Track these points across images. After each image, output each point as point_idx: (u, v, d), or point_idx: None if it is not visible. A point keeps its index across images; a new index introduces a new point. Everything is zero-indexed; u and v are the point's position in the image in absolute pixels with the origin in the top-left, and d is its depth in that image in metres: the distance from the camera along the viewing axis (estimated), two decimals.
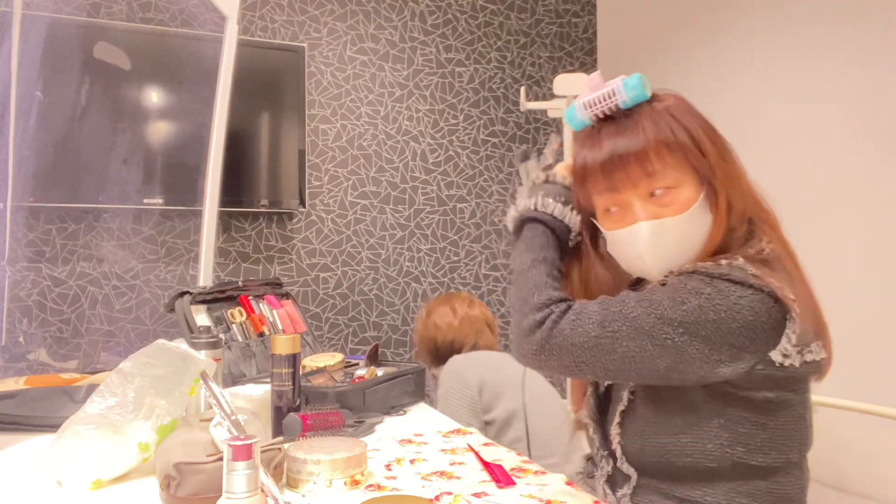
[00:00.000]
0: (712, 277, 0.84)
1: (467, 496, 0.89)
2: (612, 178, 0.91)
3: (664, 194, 0.90)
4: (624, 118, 0.92)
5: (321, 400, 1.24)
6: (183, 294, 1.51)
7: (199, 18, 2.72)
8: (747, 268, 0.84)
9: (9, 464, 1.03)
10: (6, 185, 1.96)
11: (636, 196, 0.90)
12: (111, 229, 2.58)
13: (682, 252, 0.91)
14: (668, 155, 0.89)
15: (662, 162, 0.89)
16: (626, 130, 0.91)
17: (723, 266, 0.85)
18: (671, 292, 0.84)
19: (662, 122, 0.90)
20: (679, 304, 0.82)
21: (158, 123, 2.58)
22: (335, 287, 2.95)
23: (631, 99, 0.91)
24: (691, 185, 0.90)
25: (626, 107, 0.92)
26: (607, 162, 0.91)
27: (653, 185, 0.89)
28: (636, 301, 0.85)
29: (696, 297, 0.82)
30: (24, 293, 2.46)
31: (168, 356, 1.03)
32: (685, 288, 0.84)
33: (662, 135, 0.90)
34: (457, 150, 3.20)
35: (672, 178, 0.89)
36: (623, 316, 0.84)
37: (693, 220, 0.90)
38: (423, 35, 3.15)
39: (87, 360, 2.52)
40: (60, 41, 2.35)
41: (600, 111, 0.93)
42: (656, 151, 0.89)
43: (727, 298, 0.82)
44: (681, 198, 0.90)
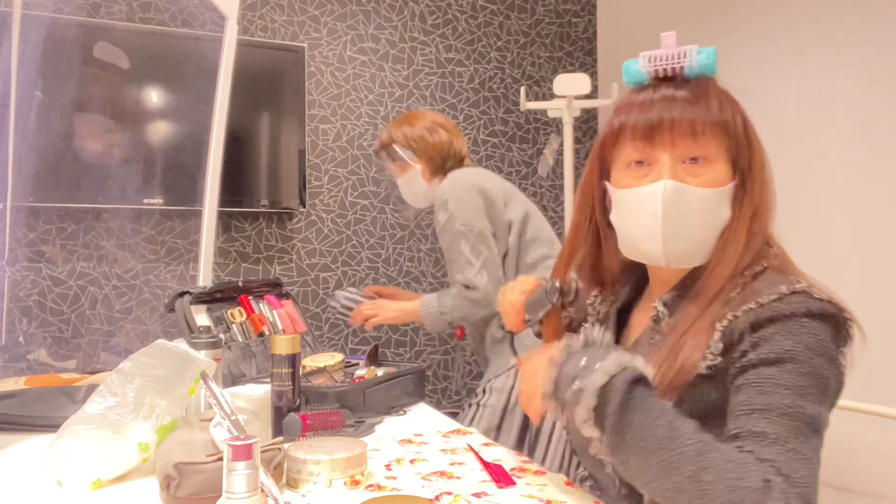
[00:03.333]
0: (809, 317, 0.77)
1: (467, 496, 0.89)
2: (652, 136, 0.86)
3: (700, 165, 0.86)
4: (685, 85, 0.87)
5: (321, 400, 1.24)
6: (183, 294, 1.51)
7: (199, 18, 2.72)
8: (813, 291, 0.79)
9: (9, 464, 1.03)
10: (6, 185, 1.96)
11: (669, 156, 0.85)
12: (111, 229, 2.58)
13: (695, 231, 0.86)
14: (722, 136, 0.86)
15: (714, 138, 0.85)
16: (688, 97, 0.86)
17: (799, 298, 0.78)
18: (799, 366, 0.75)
19: (727, 103, 0.87)
20: (816, 377, 0.75)
21: (158, 123, 2.58)
22: (335, 287, 2.95)
23: (699, 66, 0.87)
24: (725, 169, 0.87)
25: (690, 73, 0.88)
26: (656, 123, 0.86)
27: (693, 150, 0.85)
28: (791, 398, 0.74)
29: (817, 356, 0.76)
30: (23, 293, 2.46)
31: (168, 356, 1.03)
32: (807, 350, 0.76)
33: (724, 115, 0.86)
34: None
35: (713, 156, 0.86)
36: (807, 423, 0.73)
37: (716, 202, 0.86)
38: (423, 35, 3.15)
39: (87, 360, 2.52)
40: (60, 41, 2.35)
41: (663, 68, 0.88)
42: (712, 127, 0.85)
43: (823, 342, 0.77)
44: (713, 175, 0.86)
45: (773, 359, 0.76)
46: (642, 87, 0.90)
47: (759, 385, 0.76)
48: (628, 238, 0.92)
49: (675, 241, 0.86)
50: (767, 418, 0.73)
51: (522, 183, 3.32)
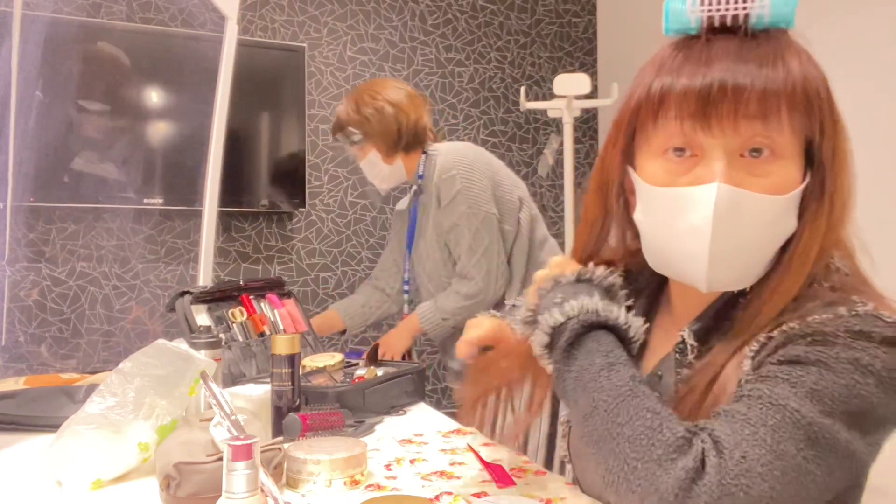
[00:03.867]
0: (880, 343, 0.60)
1: (467, 496, 0.89)
2: (708, 108, 0.62)
3: (765, 160, 0.64)
4: (752, 39, 0.64)
5: (321, 400, 1.24)
6: (183, 294, 1.51)
7: (199, 18, 2.72)
8: (883, 315, 0.61)
9: (9, 464, 1.03)
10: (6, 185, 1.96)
11: (725, 146, 0.63)
12: (111, 229, 2.58)
13: (751, 251, 0.66)
14: (800, 113, 0.63)
15: (789, 117, 0.63)
16: (759, 56, 0.62)
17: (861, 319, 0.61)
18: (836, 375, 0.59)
19: (813, 68, 0.64)
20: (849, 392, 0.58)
21: (158, 123, 2.58)
22: (335, 287, 2.95)
23: (772, 14, 0.63)
24: (797, 165, 0.65)
25: (759, 23, 0.64)
26: (716, 87, 0.62)
27: (757, 139, 0.63)
28: (790, 392, 0.59)
29: (864, 375, 0.59)
30: (23, 293, 2.46)
31: (168, 356, 1.03)
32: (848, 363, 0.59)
33: (808, 84, 0.63)
34: None
35: (785, 145, 0.64)
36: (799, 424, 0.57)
37: (782, 212, 0.65)
38: (423, 35, 3.15)
39: (87, 360, 2.52)
40: (61, 41, 2.35)
41: (720, 13, 0.64)
42: (791, 100, 0.62)
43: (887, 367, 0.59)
44: (781, 174, 0.64)
45: (797, 359, 0.61)
46: (689, 37, 0.67)
47: (763, 378, 0.61)
48: (660, 251, 0.71)
49: (724, 264, 0.65)
50: (748, 404, 0.60)
51: None
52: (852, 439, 0.58)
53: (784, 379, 0.60)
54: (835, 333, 0.60)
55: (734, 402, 0.62)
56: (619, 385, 0.63)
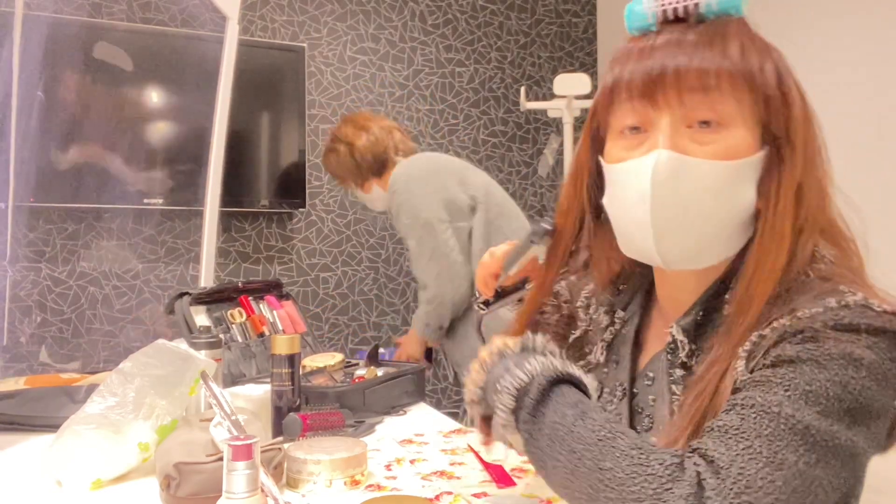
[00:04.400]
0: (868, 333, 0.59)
1: (467, 496, 0.89)
2: (653, 84, 0.66)
3: (713, 129, 0.65)
4: (698, 26, 0.68)
5: (321, 400, 1.24)
6: (182, 295, 1.51)
7: (199, 18, 2.72)
8: (872, 304, 0.60)
9: (9, 464, 1.04)
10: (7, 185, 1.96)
11: (671, 117, 0.66)
12: (111, 229, 2.58)
13: (701, 220, 0.66)
14: (745, 90, 0.65)
15: (730, 88, 0.65)
16: (701, 41, 0.66)
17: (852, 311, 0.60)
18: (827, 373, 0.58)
19: (753, 48, 0.67)
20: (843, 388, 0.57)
21: (159, 123, 2.58)
22: (335, 287, 2.95)
23: (718, 3, 0.68)
24: (748, 135, 0.66)
25: (707, 12, 0.68)
26: (658, 74, 0.66)
27: (703, 111, 0.65)
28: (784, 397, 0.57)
29: (857, 369, 0.58)
30: (24, 293, 2.46)
31: (168, 356, 1.03)
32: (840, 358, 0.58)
33: (748, 62, 0.66)
34: (457, 151, 3.20)
35: (731, 115, 0.65)
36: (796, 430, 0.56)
37: (731, 179, 0.65)
38: (423, 35, 3.15)
39: (87, 360, 2.52)
40: (61, 42, 2.35)
41: (672, 5, 0.69)
42: (731, 79, 0.65)
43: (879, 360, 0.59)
44: (728, 142, 0.65)
45: (788, 359, 0.59)
46: (646, 33, 0.71)
47: (755, 384, 0.60)
48: (620, 230, 0.72)
49: (671, 234, 0.66)
50: (740, 414, 0.58)
51: (522, 183, 3.32)
52: (853, 436, 0.57)
53: (777, 383, 0.58)
54: (825, 328, 0.59)
55: (725, 412, 0.60)
56: (597, 430, 0.60)
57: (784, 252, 0.65)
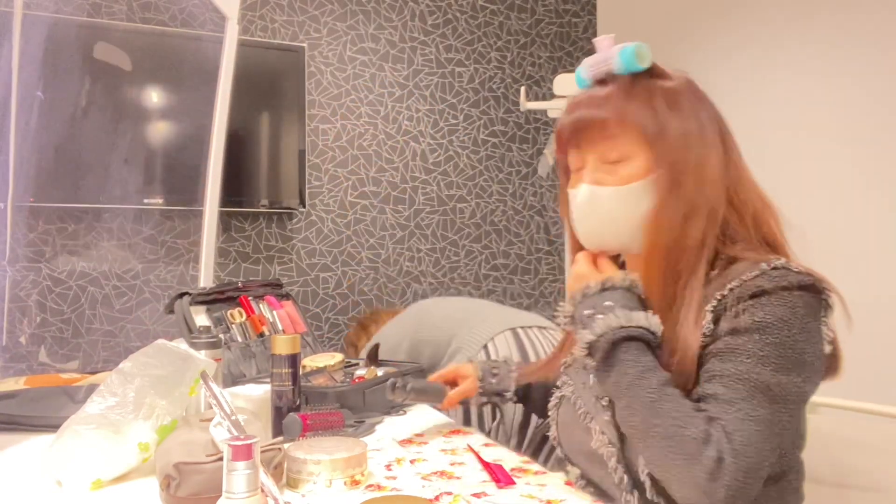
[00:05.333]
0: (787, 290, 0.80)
1: (467, 496, 0.89)
2: (577, 138, 0.93)
3: (618, 165, 0.90)
4: (601, 87, 0.92)
5: (321, 400, 1.24)
6: (182, 295, 1.51)
7: (199, 18, 2.72)
8: (790, 266, 0.82)
9: (9, 464, 1.04)
10: (6, 185, 1.96)
11: (593, 157, 0.92)
12: (111, 229, 2.58)
13: (613, 228, 0.92)
14: (632, 130, 0.89)
15: (622, 133, 0.89)
16: (597, 97, 0.91)
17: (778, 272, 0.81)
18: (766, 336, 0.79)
19: (638, 100, 0.89)
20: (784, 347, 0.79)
21: (159, 123, 2.58)
22: (335, 287, 2.95)
23: (620, 67, 0.90)
24: (644, 163, 0.90)
25: (620, 72, 0.91)
26: (573, 123, 0.93)
27: (609, 151, 0.90)
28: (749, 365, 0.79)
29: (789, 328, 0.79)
30: (23, 293, 2.46)
31: (168, 356, 1.03)
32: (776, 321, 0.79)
33: (630, 112, 0.89)
34: (457, 150, 3.20)
35: (626, 152, 0.90)
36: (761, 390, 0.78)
37: (630, 197, 0.90)
38: (423, 35, 3.15)
39: (87, 360, 2.52)
40: (61, 42, 2.35)
41: (595, 74, 0.93)
42: (619, 123, 0.89)
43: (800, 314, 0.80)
44: (628, 171, 0.90)
45: (742, 328, 0.80)
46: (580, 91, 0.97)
47: (723, 354, 0.81)
48: (575, 230, 0.99)
49: (596, 235, 0.94)
50: (723, 383, 0.79)
51: (522, 183, 3.32)
52: (801, 383, 0.79)
53: (740, 352, 0.79)
54: (770, 288, 0.80)
55: (708, 381, 0.81)
56: (650, 392, 0.80)
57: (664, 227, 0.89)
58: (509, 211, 3.29)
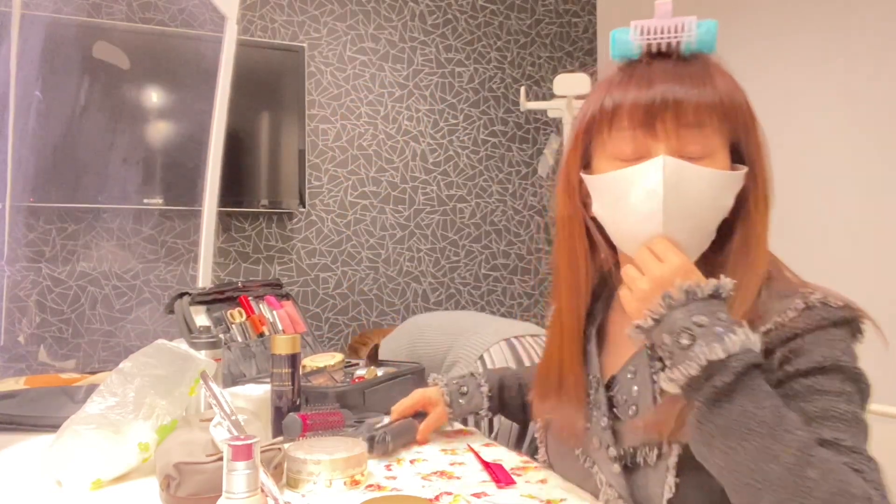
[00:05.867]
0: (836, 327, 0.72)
1: (467, 496, 0.89)
2: (654, 117, 0.75)
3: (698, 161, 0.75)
4: (684, 62, 0.77)
5: (321, 400, 1.24)
6: (182, 295, 1.51)
7: (198, 18, 2.72)
8: (830, 301, 0.73)
9: (9, 464, 1.03)
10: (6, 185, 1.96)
11: (667, 148, 0.75)
12: (111, 229, 2.58)
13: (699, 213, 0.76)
14: (726, 121, 0.76)
15: (718, 125, 0.76)
16: (692, 75, 0.76)
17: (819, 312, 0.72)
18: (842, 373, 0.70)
19: (734, 85, 0.78)
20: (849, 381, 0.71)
21: (158, 123, 2.58)
22: (335, 287, 2.95)
23: (699, 42, 0.77)
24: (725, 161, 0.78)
25: (688, 49, 0.77)
26: (658, 100, 0.75)
27: (693, 144, 0.75)
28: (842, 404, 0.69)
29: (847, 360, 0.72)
30: (23, 293, 2.46)
31: (168, 356, 1.03)
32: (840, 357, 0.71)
33: (731, 97, 0.76)
34: (457, 150, 3.20)
35: (715, 147, 0.76)
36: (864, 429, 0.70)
37: (720, 186, 0.76)
38: (423, 35, 3.15)
39: (86, 360, 2.52)
40: (60, 41, 2.35)
41: (657, 42, 0.77)
42: (720, 111, 0.76)
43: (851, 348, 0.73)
44: (712, 167, 0.76)
45: (814, 368, 0.71)
46: (631, 62, 0.80)
47: (808, 395, 0.70)
48: (619, 228, 0.80)
49: (678, 220, 0.74)
50: (831, 426, 0.69)
51: (522, 183, 3.32)
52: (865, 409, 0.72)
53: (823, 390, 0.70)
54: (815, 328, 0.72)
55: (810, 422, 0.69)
56: (796, 435, 0.65)
57: (764, 257, 0.77)
58: (509, 211, 3.29)
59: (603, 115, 0.79)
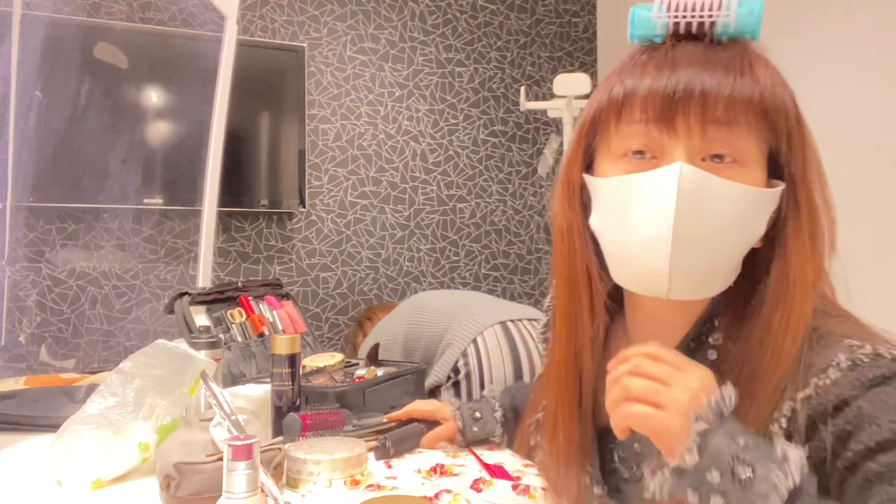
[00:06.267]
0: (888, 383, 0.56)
1: (466, 495, 0.89)
2: (673, 109, 0.60)
3: (727, 165, 0.60)
4: (719, 47, 0.62)
5: (321, 400, 1.24)
6: (182, 295, 1.51)
7: (198, 18, 2.72)
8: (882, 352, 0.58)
9: (9, 464, 1.03)
10: (6, 185, 1.96)
11: (687, 148, 0.60)
12: (111, 229, 2.58)
13: (719, 245, 0.60)
14: (765, 123, 0.61)
15: (754, 125, 0.60)
16: (726, 62, 0.60)
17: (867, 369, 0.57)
18: None
19: (779, 79, 0.63)
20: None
21: (158, 123, 2.58)
22: (335, 287, 2.95)
23: (737, 24, 0.62)
24: (760, 173, 0.62)
25: (724, 32, 0.62)
26: (681, 88, 0.59)
27: (720, 144, 0.60)
28: None
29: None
30: (23, 293, 2.46)
31: (168, 356, 1.03)
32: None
33: (774, 93, 0.61)
34: (457, 150, 3.20)
35: (747, 153, 0.61)
36: None
37: (751, 205, 0.60)
38: (423, 35, 3.15)
39: (87, 360, 2.52)
40: (60, 41, 2.35)
41: (687, 21, 0.62)
42: (758, 109, 0.60)
43: None
44: (743, 180, 0.60)
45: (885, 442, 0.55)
46: (653, 45, 0.65)
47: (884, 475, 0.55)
48: (616, 250, 0.65)
49: (688, 252, 0.59)
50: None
51: (522, 183, 3.32)
52: None
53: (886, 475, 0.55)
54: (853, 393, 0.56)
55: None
56: None
57: (809, 303, 0.60)
58: (509, 211, 3.29)
59: (612, 104, 0.64)
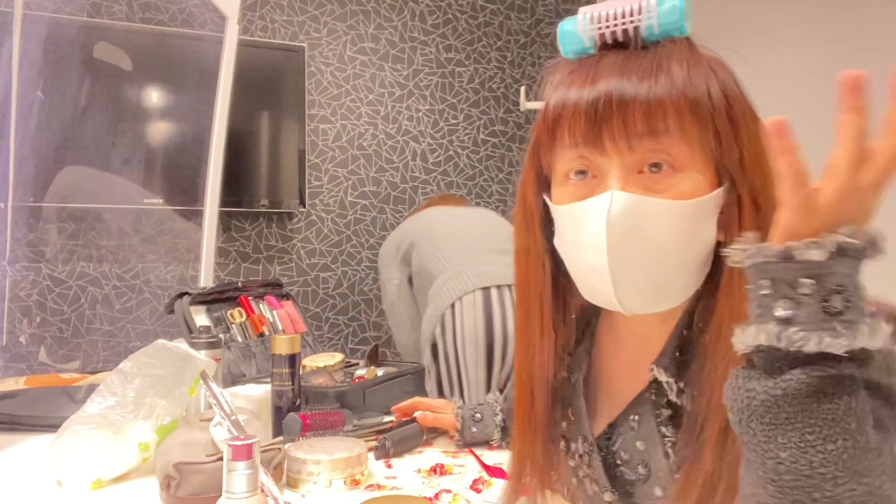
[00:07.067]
0: None
1: (466, 495, 0.89)
2: (598, 129, 0.60)
3: (665, 174, 0.60)
4: (642, 51, 0.61)
5: (321, 400, 1.24)
6: (182, 295, 1.51)
7: (199, 18, 2.72)
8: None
9: (9, 464, 1.04)
10: (7, 184, 1.96)
11: (621, 163, 0.60)
12: (111, 229, 2.58)
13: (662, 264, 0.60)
14: (692, 122, 0.60)
15: (680, 128, 0.59)
16: (642, 68, 0.60)
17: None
18: None
19: (699, 73, 0.61)
20: None
21: (159, 123, 2.58)
22: (335, 287, 2.95)
23: (662, 24, 0.61)
24: (703, 176, 0.61)
25: (649, 35, 0.62)
26: (601, 104, 0.59)
27: (653, 154, 0.60)
28: None
29: None
30: (23, 293, 2.46)
31: (168, 356, 1.03)
32: None
33: (694, 89, 0.60)
34: (457, 150, 3.20)
35: (681, 157, 0.60)
36: None
37: (689, 219, 0.60)
38: (423, 35, 3.15)
39: (87, 360, 2.52)
40: (61, 41, 2.35)
41: (611, 30, 0.62)
42: (678, 109, 0.59)
43: None
44: (684, 186, 0.60)
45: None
46: (586, 57, 0.65)
47: None
48: (575, 273, 0.66)
49: (630, 277, 0.60)
50: None
51: None
52: None
53: None
54: None
55: None
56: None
57: None
58: (509, 211, 3.29)
59: (546, 128, 0.64)
